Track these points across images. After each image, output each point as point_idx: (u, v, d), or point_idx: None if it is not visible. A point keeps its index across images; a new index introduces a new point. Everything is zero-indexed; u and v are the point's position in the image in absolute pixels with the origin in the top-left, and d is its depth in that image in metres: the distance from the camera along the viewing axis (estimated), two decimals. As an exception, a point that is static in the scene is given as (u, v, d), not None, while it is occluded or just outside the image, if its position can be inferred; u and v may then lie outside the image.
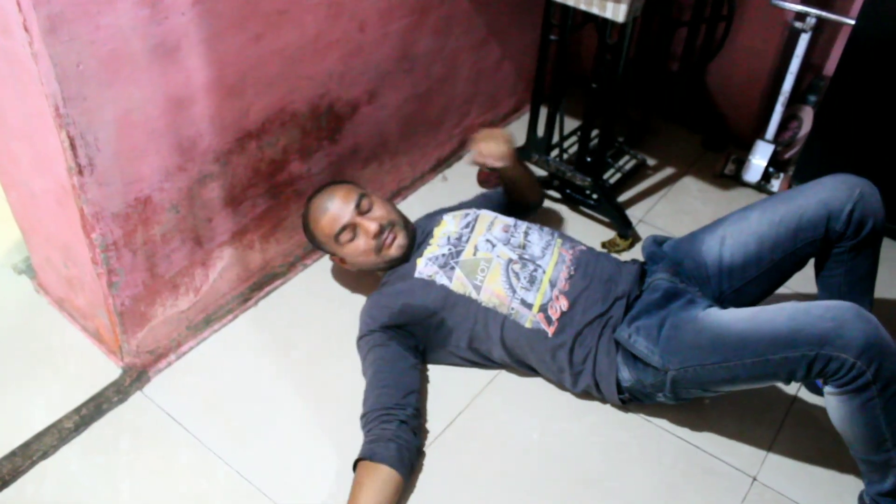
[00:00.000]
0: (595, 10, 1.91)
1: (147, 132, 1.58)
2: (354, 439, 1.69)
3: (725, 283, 1.81)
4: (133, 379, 1.83)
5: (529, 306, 1.77)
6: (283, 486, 1.67)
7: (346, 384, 1.86)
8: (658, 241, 1.95)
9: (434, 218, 2.05)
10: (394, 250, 1.89)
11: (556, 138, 2.43)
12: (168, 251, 1.78)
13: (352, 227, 1.87)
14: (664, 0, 2.54)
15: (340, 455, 1.72)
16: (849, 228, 1.67)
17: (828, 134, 2.33)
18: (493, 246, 1.86)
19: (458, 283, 1.81)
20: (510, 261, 1.83)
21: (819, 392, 1.88)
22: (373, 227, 1.85)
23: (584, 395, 1.86)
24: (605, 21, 2.01)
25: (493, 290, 1.79)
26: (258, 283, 2.09)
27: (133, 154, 1.57)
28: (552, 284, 1.80)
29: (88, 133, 1.46)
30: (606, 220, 2.39)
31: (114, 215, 1.61)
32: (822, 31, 2.54)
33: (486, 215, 1.98)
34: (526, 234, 1.92)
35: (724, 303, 1.81)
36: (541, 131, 2.42)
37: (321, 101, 1.97)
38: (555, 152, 2.47)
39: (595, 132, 2.42)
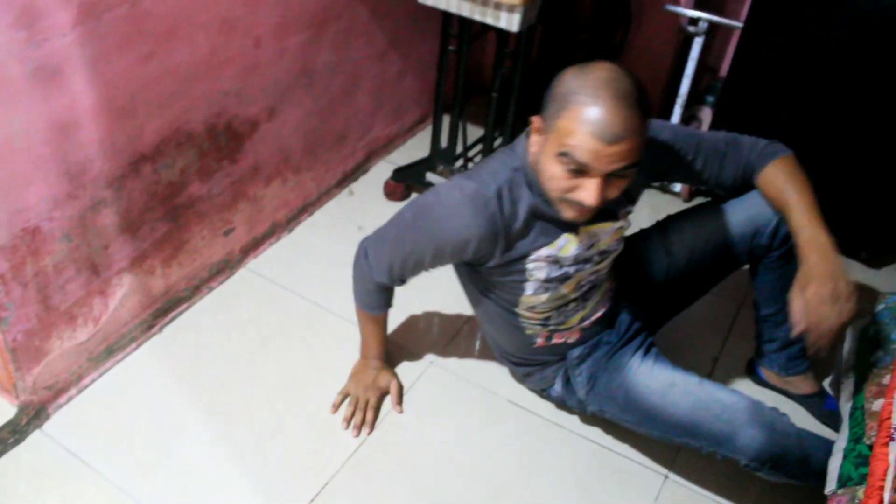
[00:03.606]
0: (489, 21, 1.92)
1: (32, 159, 1.51)
2: (267, 465, 1.66)
3: (668, 296, 1.82)
4: (30, 417, 1.75)
5: (547, 327, 1.69)
6: (195, 519, 1.62)
7: (257, 408, 1.82)
8: None
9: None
10: (573, 214, 1.42)
11: (459, 148, 2.43)
12: (62, 282, 1.71)
13: (586, 174, 1.32)
14: (563, 6, 2.57)
15: (253, 482, 1.68)
16: (774, 241, 1.65)
17: (724, 133, 2.39)
18: (581, 288, 1.64)
19: (532, 298, 1.60)
20: (573, 300, 1.65)
21: (761, 384, 1.96)
22: (596, 199, 1.33)
23: (495, 399, 1.87)
24: (503, 29, 2.02)
25: (537, 320, 1.66)
26: (162, 309, 2.03)
27: (17, 183, 1.51)
28: (581, 320, 1.69)
29: (-34, 163, 1.40)
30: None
31: (-1, 248, 1.54)
32: (716, 34, 2.61)
33: (614, 250, 1.64)
34: (601, 270, 1.65)
35: (662, 310, 1.84)
36: (444, 142, 2.42)
37: (218, 119, 1.92)
38: (459, 162, 2.47)
39: (498, 140, 2.43)
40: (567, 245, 1.52)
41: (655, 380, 1.62)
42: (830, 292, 1.38)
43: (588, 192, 1.33)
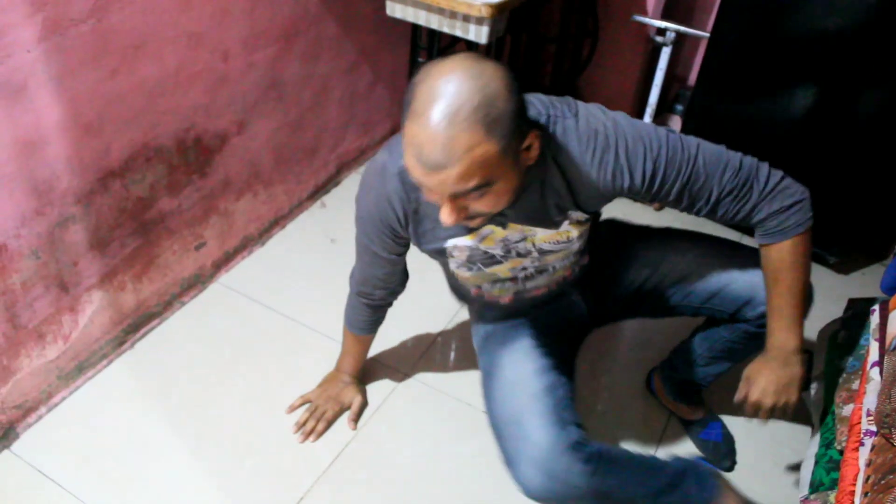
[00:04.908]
0: (458, 33, 1.93)
1: (-3, 177, 1.50)
2: (241, 482, 1.64)
3: (629, 302, 1.67)
4: (-1, 437, 1.73)
5: (481, 289, 1.58)
6: (168, 537, 1.61)
7: (230, 424, 1.81)
8: None
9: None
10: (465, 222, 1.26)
11: (432, 159, 2.43)
12: (30, 299, 1.69)
13: (430, 193, 1.17)
14: (532, 18, 2.58)
15: (227, 499, 1.66)
16: (757, 320, 1.53)
17: (693, 142, 2.41)
18: (523, 271, 1.52)
19: (458, 271, 1.52)
20: (510, 279, 1.54)
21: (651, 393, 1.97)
22: (448, 220, 1.16)
23: (470, 411, 1.87)
24: (472, 41, 2.03)
25: (470, 283, 1.56)
26: (133, 325, 2.01)
27: (-18, 201, 1.49)
28: (517, 292, 1.57)
29: (-70, 182, 1.38)
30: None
31: (-35, 267, 1.52)
32: (684, 44, 2.64)
33: (561, 250, 1.49)
34: (548, 263, 1.52)
35: (613, 310, 1.72)
36: (417, 153, 2.42)
37: (187, 134, 1.91)
38: (432, 173, 2.47)
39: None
40: (491, 236, 1.40)
41: (509, 366, 1.51)
42: (772, 405, 1.41)
43: (441, 212, 1.17)
